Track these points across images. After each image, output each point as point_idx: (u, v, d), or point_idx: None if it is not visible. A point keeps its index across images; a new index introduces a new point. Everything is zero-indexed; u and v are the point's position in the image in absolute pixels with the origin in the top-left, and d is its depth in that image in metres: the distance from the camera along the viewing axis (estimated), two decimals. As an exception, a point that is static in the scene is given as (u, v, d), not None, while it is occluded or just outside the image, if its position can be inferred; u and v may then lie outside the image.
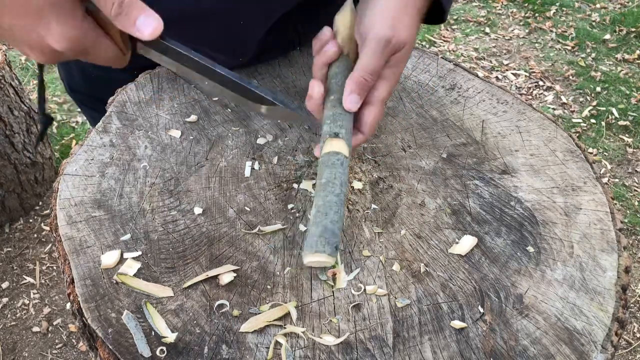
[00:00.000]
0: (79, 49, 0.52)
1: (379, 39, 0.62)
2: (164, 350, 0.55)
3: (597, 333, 0.57)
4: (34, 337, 1.64)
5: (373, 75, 0.63)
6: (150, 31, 0.51)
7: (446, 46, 3.04)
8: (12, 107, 1.75)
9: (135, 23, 0.51)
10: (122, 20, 0.51)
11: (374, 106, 0.66)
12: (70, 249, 0.63)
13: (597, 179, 0.74)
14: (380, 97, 0.65)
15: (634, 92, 2.67)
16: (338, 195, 0.60)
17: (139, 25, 0.51)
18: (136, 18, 0.51)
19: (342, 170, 0.62)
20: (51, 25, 0.49)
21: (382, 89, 0.65)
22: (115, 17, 0.51)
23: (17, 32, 0.50)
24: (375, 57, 0.62)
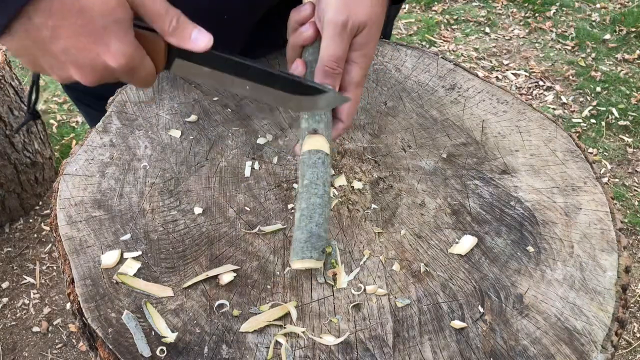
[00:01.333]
0: (130, 67, 0.53)
1: (335, 24, 0.60)
2: (164, 350, 0.55)
3: (597, 333, 0.57)
4: (34, 337, 1.64)
5: (337, 62, 0.61)
6: (205, 44, 0.55)
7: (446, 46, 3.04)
8: (12, 107, 1.75)
9: (190, 37, 0.54)
10: (178, 35, 0.54)
11: (347, 92, 0.64)
12: (70, 249, 0.63)
13: (597, 179, 0.74)
14: (353, 81, 0.64)
15: (634, 92, 2.67)
16: (322, 197, 0.60)
17: (194, 39, 0.55)
18: (190, 33, 0.54)
19: (323, 169, 0.61)
20: (111, 43, 0.50)
21: (354, 73, 0.63)
22: (172, 32, 0.54)
23: (70, 54, 0.50)
24: (334, 43, 0.61)
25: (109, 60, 0.51)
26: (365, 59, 0.63)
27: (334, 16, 0.60)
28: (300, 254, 0.57)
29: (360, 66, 0.63)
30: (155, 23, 0.54)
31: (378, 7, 0.62)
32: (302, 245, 0.58)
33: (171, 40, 0.55)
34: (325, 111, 0.64)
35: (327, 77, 0.62)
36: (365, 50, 0.63)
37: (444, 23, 3.24)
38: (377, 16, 0.62)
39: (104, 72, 0.53)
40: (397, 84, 0.90)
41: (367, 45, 0.62)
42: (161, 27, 0.54)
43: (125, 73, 0.54)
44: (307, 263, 0.57)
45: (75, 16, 0.48)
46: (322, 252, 0.57)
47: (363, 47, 0.62)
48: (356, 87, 0.64)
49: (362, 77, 0.64)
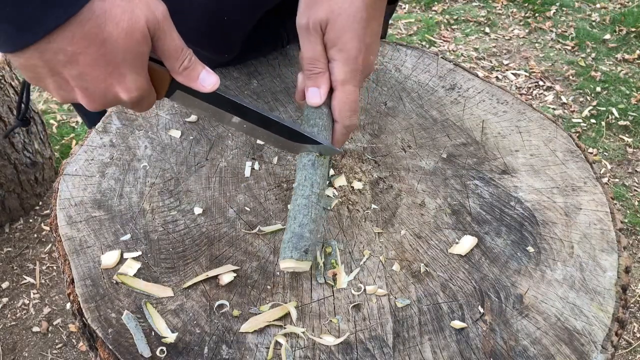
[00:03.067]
0: (140, 99, 0.54)
1: (299, 28, 0.62)
2: (164, 350, 0.55)
3: (597, 333, 0.57)
4: (34, 337, 1.64)
5: (313, 63, 0.62)
6: (212, 86, 0.57)
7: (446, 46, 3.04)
8: (12, 107, 1.75)
9: (198, 78, 0.56)
10: (188, 74, 0.55)
11: (336, 91, 0.64)
12: (70, 249, 0.63)
13: (597, 179, 0.74)
14: (338, 79, 0.62)
15: (634, 92, 2.67)
16: (307, 197, 0.60)
17: (201, 80, 0.56)
18: (199, 74, 0.56)
19: (312, 170, 0.62)
20: (126, 76, 0.50)
21: (336, 71, 0.62)
22: (183, 70, 0.55)
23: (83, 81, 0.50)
24: (303, 45, 0.62)
25: (121, 92, 0.52)
26: (342, 54, 0.61)
27: (298, 20, 0.62)
28: (282, 253, 0.58)
29: (341, 62, 0.62)
30: (168, 60, 0.54)
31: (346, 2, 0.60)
32: (285, 246, 0.58)
33: (179, 79, 0.56)
34: (321, 114, 0.65)
35: (307, 79, 0.63)
36: (339, 45, 0.61)
37: (444, 23, 3.24)
38: (343, 8, 0.60)
39: (113, 102, 0.53)
40: (397, 84, 0.90)
41: (339, 40, 0.61)
42: (173, 66, 0.55)
43: (134, 104, 0.54)
44: (289, 263, 0.57)
45: (97, 46, 0.48)
46: (304, 252, 0.57)
47: (336, 42, 0.61)
48: (342, 84, 0.62)
49: (347, 73, 0.62)
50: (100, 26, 0.47)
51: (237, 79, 0.90)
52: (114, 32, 0.47)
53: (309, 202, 0.60)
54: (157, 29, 0.51)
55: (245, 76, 0.90)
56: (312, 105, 0.64)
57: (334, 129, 0.66)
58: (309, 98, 0.64)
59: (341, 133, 0.66)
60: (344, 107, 0.64)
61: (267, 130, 0.64)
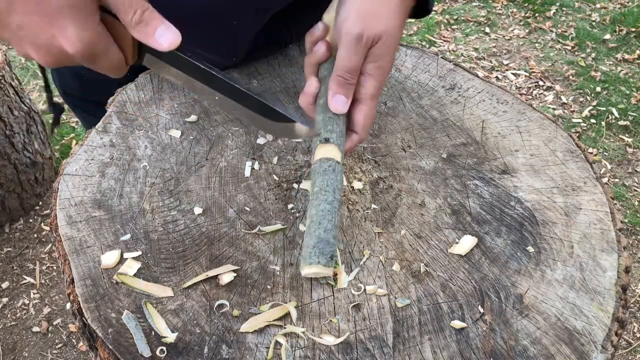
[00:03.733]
0: (89, 54, 0.51)
1: (350, 35, 0.60)
2: (164, 350, 0.55)
3: (597, 333, 0.57)
4: (34, 337, 1.64)
5: (351, 73, 0.62)
6: (169, 43, 0.52)
7: (446, 46, 3.04)
8: (12, 107, 1.75)
9: (154, 34, 0.51)
10: (142, 29, 0.51)
11: (362, 104, 0.64)
12: (70, 249, 0.63)
13: (597, 179, 0.74)
14: (368, 93, 0.63)
15: (634, 92, 2.67)
16: (331, 203, 0.59)
17: (157, 36, 0.51)
18: (155, 28, 0.51)
19: (334, 176, 0.61)
20: (67, 27, 0.48)
21: (368, 85, 0.63)
22: (135, 26, 0.51)
23: (25, 31, 0.49)
24: (348, 54, 0.61)
25: (64, 45, 0.49)
26: (380, 71, 0.63)
27: (350, 28, 0.60)
28: (308, 259, 0.57)
29: (375, 78, 0.63)
30: (119, 13, 0.51)
31: (395, 21, 0.62)
32: (310, 251, 0.57)
33: (134, 35, 0.52)
34: (338, 121, 0.64)
35: (340, 86, 0.62)
36: (380, 63, 0.62)
37: (444, 23, 3.24)
38: (394, 29, 0.62)
39: (61, 56, 0.51)
40: (397, 84, 0.90)
41: (382, 58, 0.62)
42: (124, 19, 0.50)
43: (85, 59, 0.51)
44: (314, 268, 0.56)
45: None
46: (330, 259, 0.57)
47: (378, 59, 0.62)
48: (371, 99, 0.64)
49: (377, 89, 0.64)
50: None
51: (237, 79, 0.90)
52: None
53: (332, 207, 0.59)
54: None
55: (245, 76, 0.90)
56: (335, 111, 0.63)
57: (350, 138, 0.66)
58: (335, 104, 0.63)
59: (355, 144, 0.66)
60: (368, 121, 0.65)
61: (238, 104, 0.60)
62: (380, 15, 0.61)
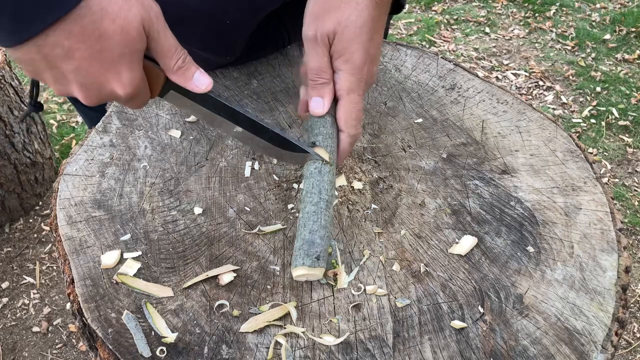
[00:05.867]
0: (134, 95, 0.54)
1: (306, 39, 0.62)
2: (164, 350, 0.55)
3: (597, 333, 0.57)
4: (34, 337, 1.64)
5: (318, 73, 0.62)
6: (206, 87, 0.57)
7: (446, 46, 3.04)
8: (12, 107, 1.75)
9: (192, 78, 0.57)
10: (182, 74, 0.56)
11: (341, 100, 0.64)
12: (70, 249, 0.63)
13: (597, 179, 0.74)
14: (343, 88, 0.63)
15: (634, 92, 2.67)
16: (316, 204, 0.60)
17: (195, 80, 0.57)
18: (193, 74, 0.57)
19: (319, 177, 0.62)
20: (122, 72, 0.51)
21: (341, 80, 0.63)
22: (177, 70, 0.56)
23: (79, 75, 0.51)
24: (310, 56, 0.63)
25: (116, 88, 0.52)
26: (348, 64, 0.62)
27: (305, 32, 0.63)
28: (294, 262, 0.58)
29: (346, 72, 0.63)
30: (162, 59, 0.55)
31: (352, 11, 0.61)
32: (296, 254, 0.58)
33: (173, 78, 0.57)
34: (324, 123, 0.65)
35: (312, 89, 0.63)
36: (346, 56, 0.62)
37: (444, 23, 3.24)
38: (351, 20, 0.61)
39: (109, 97, 0.54)
40: (397, 84, 0.90)
41: (345, 50, 0.62)
42: (167, 64, 0.55)
43: (126, 101, 0.55)
44: (300, 270, 0.57)
45: (94, 41, 0.48)
46: (317, 259, 0.57)
47: (343, 53, 0.62)
48: (347, 94, 0.63)
49: (352, 82, 0.63)
50: (97, 22, 0.48)
51: (237, 79, 0.90)
52: (110, 28, 0.48)
53: (317, 208, 0.60)
54: (151, 27, 0.52)
55: (245, 76, 0.90)
56: (316, 114, 0.64)
57: (340, 138, 0.66)
58: (313, 108, 0.64)
59: (347, 142, 0.66)
60: (350, 115, 0.64)
61: (257, 137, 0.64)
62: (331, 10, 0.61)
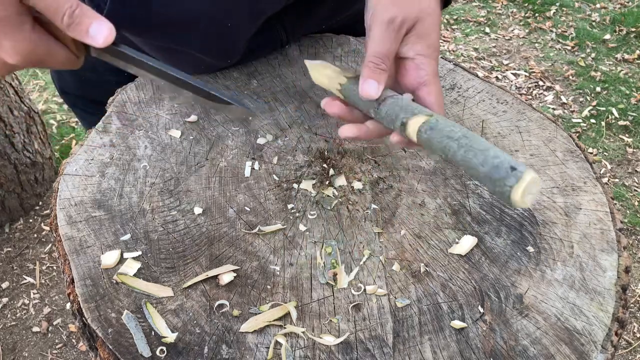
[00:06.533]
0: (34, 60, 0.52)
1: (381, 21, 0.59)
2: (164, 350, 0.55)
3: (597, 333, 0.57)
4: (34, 337, 1.64)
5: (382, 58, 0.60)
6: (103, 39, 0.51)
7: (446, 46, 3.04)
8: (12, 107, 1.75)
9: (88, 31, 0.51)
10: (74, 29, 0.51)
11: (428, 85, 0.61)
12: (70, 249, 0.63)
13: (597, 179, 0.74)
14: (430, 73, 0.60)
15: (634, 92, 2.67)
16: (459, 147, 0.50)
17: (91, 34, 0.51)
18: (88, 26, 0.51)
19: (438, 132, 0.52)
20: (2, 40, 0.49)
21: (426, 65, 0.60)
22: (67, 27, 0.51)
23: None
24: (381, 39, 0.59)
25: (4, 56, 0.51)
26: (431, 49, 0.61)
27: (382, 13, 0.59)
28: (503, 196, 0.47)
29: (430, 57, 0.61)
30: (51, 17, 0.51)
31: (430, 2, 0.61)
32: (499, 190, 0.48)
33: (71, 35, 0.51)
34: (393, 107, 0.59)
35: (372, 72, 0.59)
36: (428, 42, 0.61)
37: (444, 23, 3.24)
38: (429, 9, 0.60)
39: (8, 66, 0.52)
40: (397, 84, 0.90)
41: (428, 36, 0.61)
42: (57, 22, 0.51)
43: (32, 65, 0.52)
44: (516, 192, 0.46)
45: None
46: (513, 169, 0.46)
47: (424, 39, 0.60)
48: (434, 77, 0.61)
49: (435, 67, 0.61)
50: None
51: (237, 79, 0.90)
52: None
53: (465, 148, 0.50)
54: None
55: (245, 76, 0.90)
56: (368, 97, 0.59)
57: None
58: (368, 89, 0.59)
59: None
60: (441, 99, 0.61)
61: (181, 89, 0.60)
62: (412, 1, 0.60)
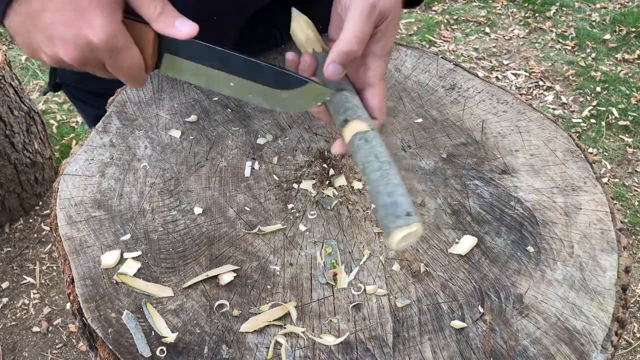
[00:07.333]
0: (112, 46, 0.54)
1: (363, 4, 0.58)
2: (164, 350, 0.55)
3: (597, 333, 0.57)
4: (34, 337, 1.64)
5: (359, 45, 0.59)
6: (189, 31, 0.56)
7: (446, 46, 3.04)
8: (12, 107, 1.75)
9: (174, 23, 0.56)
10: (163, 20, 0.56)
11: (373, 87, 0.61)
12: (70, 249, 0.63)
13: (597, 179, 0.74)
14: (377, 75, 0.61)
15: (634, 92, 2.67)
16: (380, 169, 0.55)
17: (177, 26, 0.56)
18: (175, 19, 0.56)
19: (368, 146, 0.57)
20: (93, 19, 0.52)
21: (375, 67, 0.61)
22: (157, 17, 0.55)
23: (55, 27, 0.53)
24: (360, 23, 0.58)
25: (90, 35, 0.53)
26: (385, 51, 0.61)
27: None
28: (387, 232, 0.51)
29: (381, 59, 0.61)
30: (141, 8, 0.55)
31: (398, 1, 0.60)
32: (385, 223, 0.52)
33: (156, 27, 0.56)
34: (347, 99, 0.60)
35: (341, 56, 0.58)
36: (385, 42, 0.60)
37: (444, 23, 3.24)
38: (397, 8, 0.60)
39: (86, 48, 0.54)
40: (397, 84, 0.90)
41: (387, 37, 0.60)
42: (147, 13, 0.55)
43: (108, 52, 0.54)
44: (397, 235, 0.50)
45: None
46: (408, 215, 0.51)
47: (383, 39, 0.60)
48: (380, 81, 0.61)
49: (384, 70, 0.62)
50: None
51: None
52: None
53: (382, 172, 0.55)
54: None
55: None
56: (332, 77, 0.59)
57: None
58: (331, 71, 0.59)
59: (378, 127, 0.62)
60: (383, 103, 0.62)
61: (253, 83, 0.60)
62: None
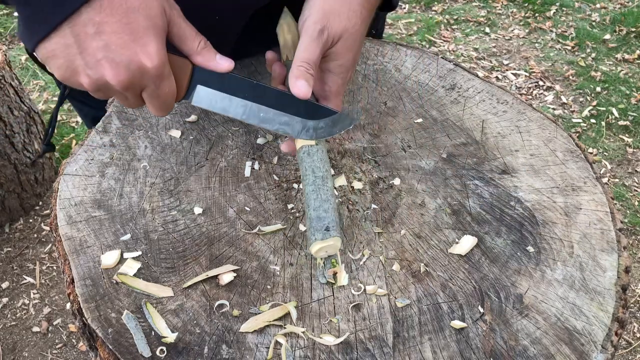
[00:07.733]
0: (161, 73, 0.57)
1: (313, 30, 0.63)
2: (164, 350, 0.55)
3: (597, 333, 0.57)
4: (34, 337, 1.64)
5: (310, 64, 0.63)
6: (228, 65, 0.61)
7: (446, 46, 3.04)
8: (12, 107, 1.75)
9: (216, 58, 0.61)
10: (206, 54, 0.61)
11: (328, 100, 0.67)
12: (70, 249, 0.63)
13: (597, 179, 0.74)
14: (332, 90, 0.66)
15: (634, 92, 2.67)
16: (313, 183, 0.62)
17: (218, 59, 0.61)
18: (215, 54, 0.61)
19: (309, 160, 0.64)
20: (150, 44, 0.55)
21: (332, 82, 0.66)
22: (200, 51, 0.60)
23: (109, 51, 0.54)
24: (309, 47, 0.63)
25: (144, 59, 0.55)
26: (342, 69, 0.66)
27: (312, 24, 0.64)
28: (308, 242, 0.59)
29: (338, 76, 0.66)
30: (185, 43, 0.59)
31: (356, 19, 0.65)
32: (308, 234, 0.59)
33: (198, 60, 0.61)
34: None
35: (301, 74, 0.63)
36: (341, 61, 0.65)
37: (444, 23, 3.24)
38: (354, 27, 0.65)
39: (137, 72, 0.55)
40: (397, 84, 0.90)
41: (343, 56, 0.65)
42: (190, 47, 0.60)
43: (155, 77, 0.56)
44: (316, 246, 0.58)
45: (121, 14, 0.52)
46: (326, 230, 0.58)
47: (339, 57, 0.65)
48: (335, 96, 0.67)
49: (340, 86, 0.67)
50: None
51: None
52: (136, 2, 0.53)
53: (315, 186, 0.62)
54: (172, 11, 0.57)
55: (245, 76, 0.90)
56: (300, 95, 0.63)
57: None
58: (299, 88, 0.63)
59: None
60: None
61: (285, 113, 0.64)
62: (341, 15, 0.64)
